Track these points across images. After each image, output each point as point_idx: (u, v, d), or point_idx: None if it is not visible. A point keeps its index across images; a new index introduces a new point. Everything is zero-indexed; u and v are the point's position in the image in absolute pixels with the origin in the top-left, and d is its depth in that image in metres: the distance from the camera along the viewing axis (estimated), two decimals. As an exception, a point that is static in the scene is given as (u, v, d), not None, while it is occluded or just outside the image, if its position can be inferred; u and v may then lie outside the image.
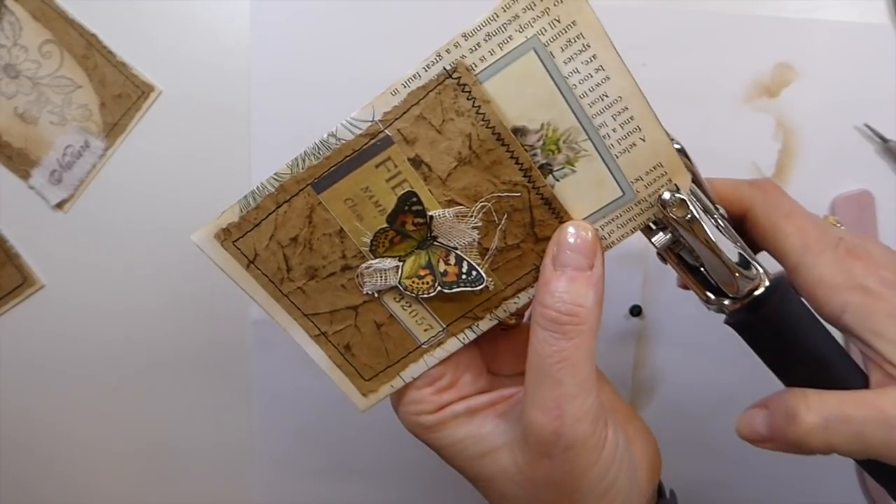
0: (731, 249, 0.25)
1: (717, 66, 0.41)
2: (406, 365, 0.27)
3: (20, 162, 0.40)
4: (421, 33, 0.40)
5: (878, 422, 0.24)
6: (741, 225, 0.28)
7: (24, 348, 0.43)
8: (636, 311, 0.44)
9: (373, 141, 0.24)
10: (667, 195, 0.24)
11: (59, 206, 0.41)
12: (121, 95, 0.40)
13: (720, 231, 0.25)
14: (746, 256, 0.25)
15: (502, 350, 0.29)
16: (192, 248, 0.25)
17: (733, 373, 0.44)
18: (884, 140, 0.42)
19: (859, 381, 0.26)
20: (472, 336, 0.27)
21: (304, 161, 0.24)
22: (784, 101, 0.42)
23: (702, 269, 0.26)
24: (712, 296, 0.27)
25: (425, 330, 0.27)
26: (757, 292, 0.26)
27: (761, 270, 0.26)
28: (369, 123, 0.23)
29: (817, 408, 0.24)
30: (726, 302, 0.26)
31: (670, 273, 0.40)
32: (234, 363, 0.43)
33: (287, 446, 0.45)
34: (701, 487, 0.47)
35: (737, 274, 0.25)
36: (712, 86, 0.41)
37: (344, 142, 0.24)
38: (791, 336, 0.27)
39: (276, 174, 0.24)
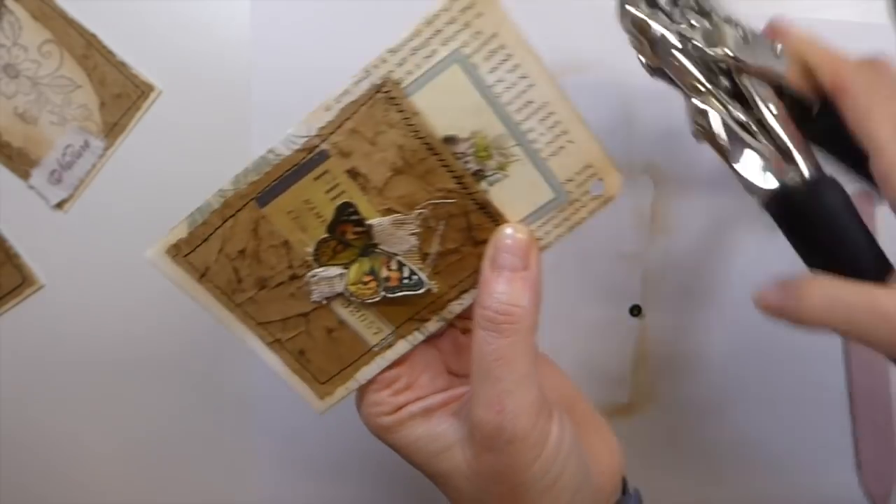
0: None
1: None
2: (359, 367, 0.28)
3: (20, 161, 0.40)
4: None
5: (868, 311, 0.25)
6: (831, 104, 0.28)
7: (24, 348, 0.43)
8: (636, 311, 0.44)
9: (310, 155, 0.25)
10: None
11: (59, 205, 0.41)
12: (120, 95, 0.40)
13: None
14: (791, 146, 0.26)
15: (463, 351, 0.30)
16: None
17: (733, 373, 0.44)
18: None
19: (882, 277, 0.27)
20: (420, 338, 0.28)
21: (245, 177, 0.25)
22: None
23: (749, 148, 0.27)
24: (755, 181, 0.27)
25: (375, 333, 0.28)
26: (795, 180, 0.27)
27: (801, 162, 0.27)
28: (306, 139, 0.24)
29: (821, 290, 0.26)
30: (767, 186, 0.27)
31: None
32: (234, 363, 0.43)
33: (287, 446, 0.45)
34: (701, 487, 0.47)
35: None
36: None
37: (283, 157, 0.25)
38: (824, 229, 0.28)
39: (220, 190, 0.25)
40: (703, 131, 0.27)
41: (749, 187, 0.27)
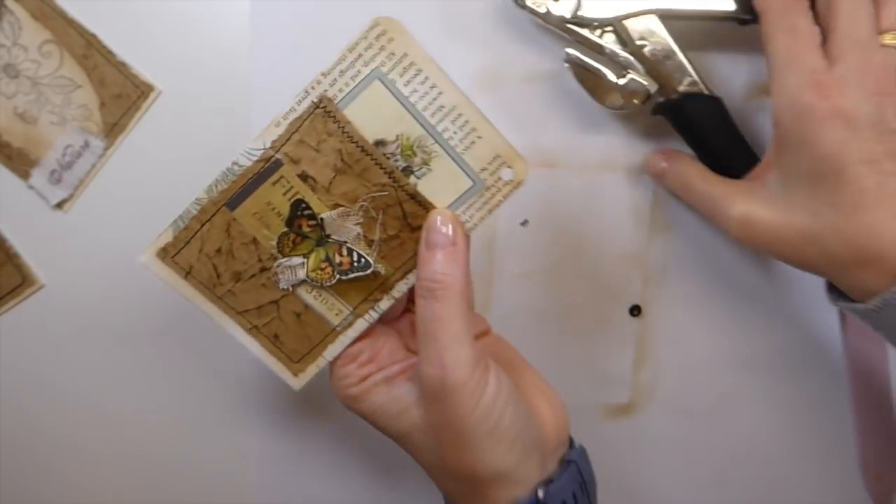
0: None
1: (717, 66, 0.41)
2: (326, 346, 0.33)
3: (20, 161, 0.40)
4: (421, 33, 0.40)
5: (705, 197, 0.36)
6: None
7: (24, 348, 0.43)
8: (636, 311, 0.44)
9: (267, 164, 0.30)
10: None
11: (59, 205, 0.41)
12: (120, 95, 0.40)
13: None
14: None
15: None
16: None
17: (733, 372, 0.45)
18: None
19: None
20: (375, 315, 0.33)
21: (216, 186, 0.30)
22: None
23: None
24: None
25: (336, 314, 0.33)
26: (670, 96, 0.37)
27: (673, 82, 0.37)
28: (262, 151, 0.30)
29: (680, 171, 0.38)
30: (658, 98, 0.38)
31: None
32: (233, 364, 0.43)
33: (287, 446, 0.45)
34: (701, 487, 0.47)
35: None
36: (712, 85, 0.40)
37: (245, 167, 0.30)
38: (692, 132, 0.38)
39: (196, 199, 0.31)
40: (576, 72, 0.38)
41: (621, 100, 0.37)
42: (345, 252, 0.31)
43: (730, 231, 0.35)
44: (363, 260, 0.31)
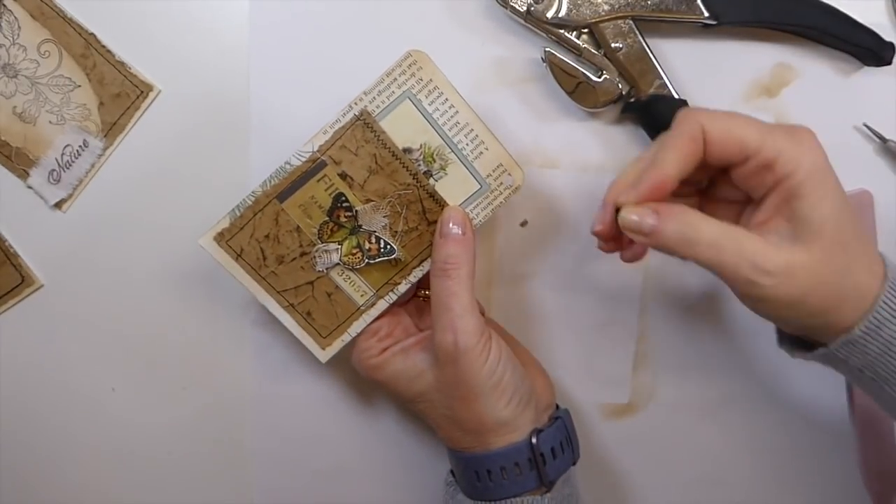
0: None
1: (717, 66, 0.42)
2: (351, 323, 0.39)
3: (19, 161, 0.40)
4: (420, 33, 0.42)
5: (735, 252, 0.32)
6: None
7: (23, 348, 0.43)
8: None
9: (314, 165, 0.37)
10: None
11: (58, 205, 0.41)
12: (120, 95, 0.40)
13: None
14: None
15: (424, 312, 0.42)
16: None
17: (733, 373, 0.46)
18: (883, 140, 0.43)
19: None
20: (394, 297, 0.39)
21: (270, 181, 0.37)
22: (784, 101, 0.42)
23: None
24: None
25: (361, 295, 0.39)
26: (638, 96, 0.40)
27: (640, 84, 0.39)
28: (310, 153, 0.37)
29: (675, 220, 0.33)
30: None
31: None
32: (233, 364, 0.44)
33: (287, 446, 0.46)
34: (701, 487, 0.47)
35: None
36: (712, 85, 0.42)
37: (295, 166, 0.37)
38: (658, 131, 0.37)
39: (252, 192, 0.37)
40: (553, 70, 0.40)
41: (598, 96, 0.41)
42: (373, 240, 0.38)
43: (764, 285, 0.31)
44: (388, 247, 0.38)
